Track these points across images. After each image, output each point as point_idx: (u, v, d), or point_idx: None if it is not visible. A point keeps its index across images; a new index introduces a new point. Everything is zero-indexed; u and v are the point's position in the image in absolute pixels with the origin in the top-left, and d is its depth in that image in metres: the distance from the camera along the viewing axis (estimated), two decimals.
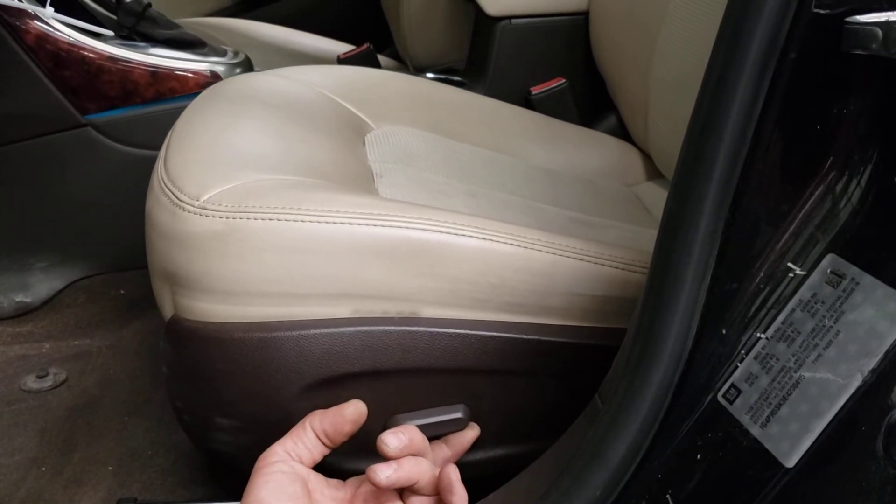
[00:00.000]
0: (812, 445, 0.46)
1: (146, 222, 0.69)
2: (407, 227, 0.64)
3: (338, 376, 0.65)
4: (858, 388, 0.45)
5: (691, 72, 0.97)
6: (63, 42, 1.16)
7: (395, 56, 1.84)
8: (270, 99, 0.89)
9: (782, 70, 0.48)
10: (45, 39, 1.15)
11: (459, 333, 0.67)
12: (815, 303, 0.49)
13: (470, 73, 1.49)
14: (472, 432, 0.72)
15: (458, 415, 0.70)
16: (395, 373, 0.67)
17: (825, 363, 0.47)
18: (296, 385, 0.65)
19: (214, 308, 0.64)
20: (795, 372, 0.48)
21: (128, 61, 1.19)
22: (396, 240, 0.63)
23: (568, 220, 0.88)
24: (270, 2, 2.03)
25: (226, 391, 0.66)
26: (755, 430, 0.49)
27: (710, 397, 0.52)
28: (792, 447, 0.47)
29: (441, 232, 0.64)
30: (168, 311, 0.68)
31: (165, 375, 0.71)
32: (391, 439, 0.61)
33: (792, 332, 0.50)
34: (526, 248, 0.67)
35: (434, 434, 0.70)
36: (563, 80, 1.34)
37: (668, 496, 0.53)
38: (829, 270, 0.49)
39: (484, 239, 0.66)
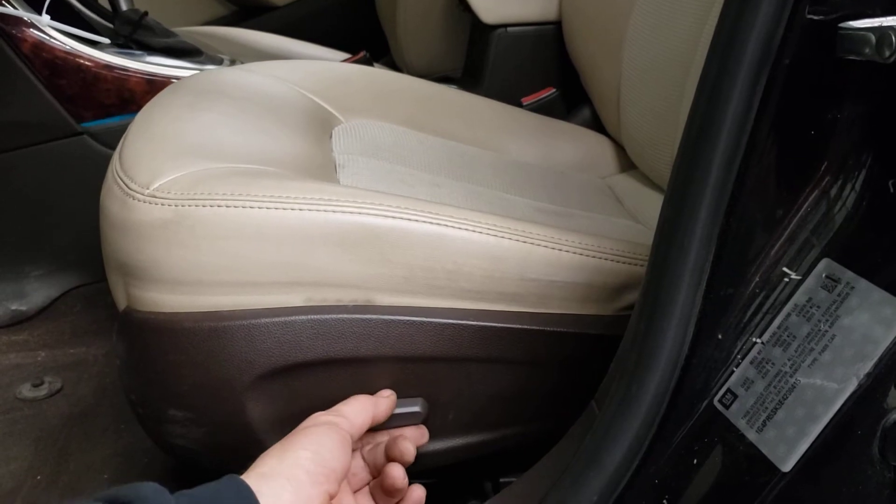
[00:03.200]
0: (808, 450, 0.46)
1: (100, 214, 0.69)
2: (358, 213, 0.63)
3: (290, 365, 0.65)
4: (854, 393, 0.45)
5: (659, 59, 0.97)
6: (59, 50, 1.16)
7: (392, 64, 1.84)
8: (235, 92, 0.88)
9: (776, 76, 0.48)
10: (41, 48, 1.15)
11: (415, 321, 0.66)
12: (811, 307, 0.49)
13: (466, 81, 1.49)
14: (421, 439, 0.71)
15: (416, 408, 0.70)
16: (350, 361, 0.66)
17: (821, 367, 0.47)
18: (247, 375, 0.64)
19: (165, 298, 0.63)
20: (791, 376, 0.48)
21: (124, 69, 1.19)
22: (347, 225, 0.63)
23: (534, 210, 0.87)
24: (267, 10, 2.04)
25: (177, 382, 0.65)
26: (751, 435, 0.49)
27: (706, 402, 0.53)
28: (788, 451, 0.47)
29: (393, 217, 0.64)
30: (122, 304, 0.68)
31: (119, 368, 0.71)
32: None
33: (787, 336, 0.50)
34: (480, 233, 0.66)
35: (389, 426, 0.69)
36: (553, 90, 1.34)
37: (664, 501, 0.52)
38: (824, 275, 0.49)
39: (437, 224, 0.65)
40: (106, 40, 1.22)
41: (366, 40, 1.75)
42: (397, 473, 0.64)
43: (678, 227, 0.52)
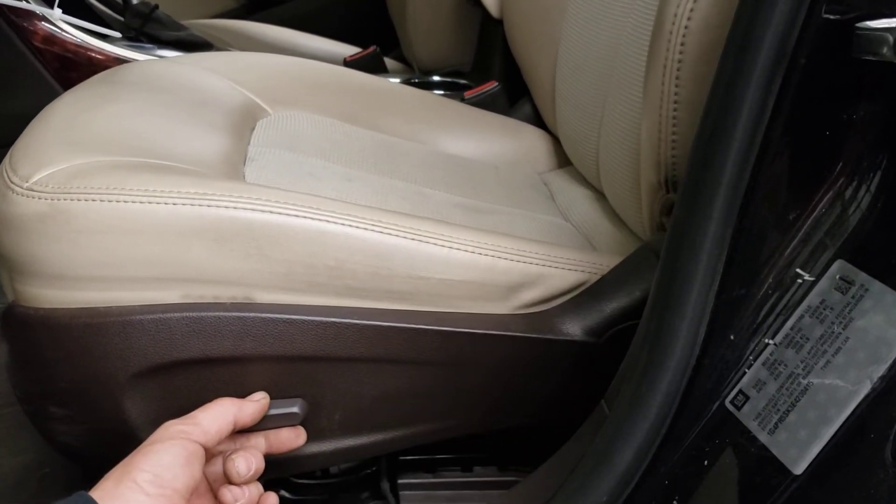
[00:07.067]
0: (820, 452, 0.46)
1: None
2: (233, 208, 0.62)
3: (166, 364, 0.64)
4: (867, 395, 0.45)
5: (588, 54, 0.96)
6: (70, 43, 1.16)
7: (401, 58, 1.84)
8: (156, 84, 0.87)
9: (791, 76, 0.48)
10: (52, 41, 1.15)
11: (296, 319, 0.64)
12: (824, 309, 0.49)
13: (475, 76, 1.49)
14: (297, 441, 0.68)
15: (294, 409, 0.68)
16: (228, 360, 0.65)
17: (834, 370, 0.47)
18: (123, 373, 0.63)
19: (43, 293, 0.62)
20: (804, 378, 0.48)
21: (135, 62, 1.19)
22: (221, 220, 0.61)
23: (451, 206, 0.86)
24: (277, 4, 2.04)
25: (56, 379, 0.65)
26: (763, 437, 0.49)
27: (717, 403, 0.52)
28: (800, 454, 0.47)
29: (270, 212, 0.62)
30: (10, 298, 0.67)
31: (4, 363, 0.69)
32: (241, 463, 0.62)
33: (800, 338, 0.49)
34: (364, 228, 0.64)
35: (264, 427, 0.67)
36: (496, 84, 1.33)
37: (675, 502, 0.52)
38: (837, 276, 0.49)
39: (317, 219, 0.63)
40: (116, 33, 1.23)
41: (376, 35, 1.74)
42: (227, 499, 0.61)
43: (690, 226, 0.52)
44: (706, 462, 0.52)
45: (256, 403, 0.65)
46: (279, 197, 0.63)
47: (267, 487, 0.65)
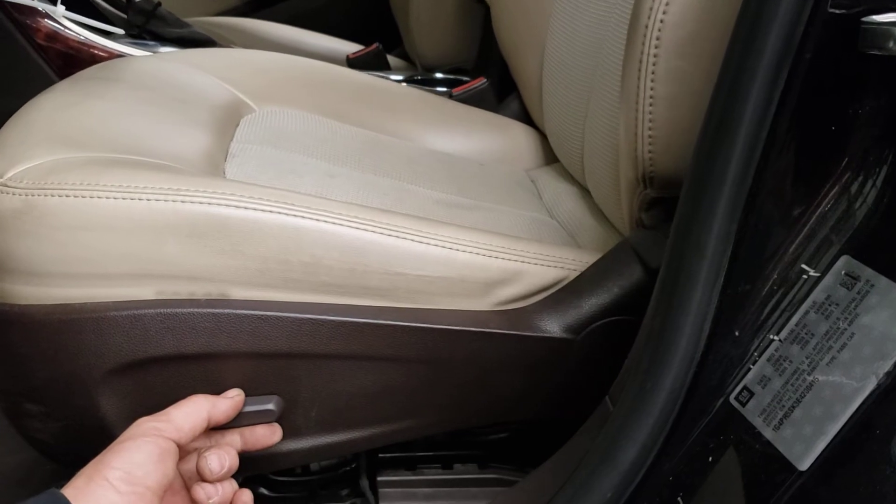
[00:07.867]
0: (826, 448, 0.46)
1: None
2: (207, 203, 0.61)
3: (141, 360, 0.63)
4: (873, 392, 0.45)
5: (574, 49, 0.95)
6: (73, 40, 1.16)
7: (404, 56, 1.84)
8: (140, 80, 0.86)
9: (797, 70, 0.47)
10: (55, 38, 1.15)
11: (270, 316, 0.64)
12: (829, 305, 0.49)
13: (478, 73, 1.48)
14: (272, 438, 0.68)
15: (269, 406, 0.67)
16: (203, 357, 0.65)
17: (839, 366, 0.47)
18: (98, 369, 0.63)
19: (18, 289, 0.62)
20: (809, 374, 0.48)
21: None
22: (194, 216, 0.61)
23: (433, 202, 0.86)
24: (280, 1, 2.04)
25: (31, 376, 0.64)
26: (768, 433, 0.49)
27: (722, 399, 0.52)
28: (805, 450, 0.46)
29: (245, 208, 0.62)
30: None
31: None
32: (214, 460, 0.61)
33: (805, 334, 0.49)
34: (340, 224, 0.64)
35: (239, 424, 0.67)
36: (484, 81, 1.33)
37: (679, 499, 0.52)
38: (843, 272, 0.49)
39: (292, 215, 0.63)
40: (119, 31, 1.23)
41: (378, 32, 1.74)
42: (200, 496, 0.61)
43: (695, 222, 0.51)
44: (710, 458, 0.51)
45: (231, 400, 0.64)
46: (254, 193, 0.63)
47: (245, 484, 0.65)
